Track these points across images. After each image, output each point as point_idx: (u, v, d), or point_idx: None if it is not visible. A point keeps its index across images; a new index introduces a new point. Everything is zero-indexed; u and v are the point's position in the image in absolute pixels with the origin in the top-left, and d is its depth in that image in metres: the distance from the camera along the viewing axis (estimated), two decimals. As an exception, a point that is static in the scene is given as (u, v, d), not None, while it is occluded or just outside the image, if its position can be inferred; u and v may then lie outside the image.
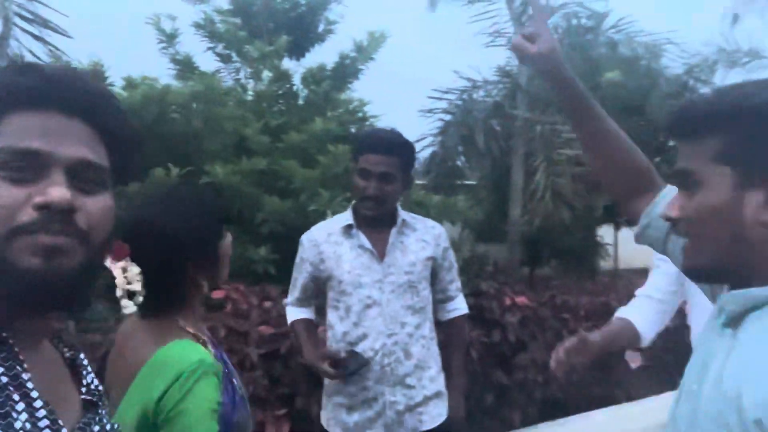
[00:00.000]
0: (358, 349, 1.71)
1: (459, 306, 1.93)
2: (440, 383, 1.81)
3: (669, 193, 0.98)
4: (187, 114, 3.45)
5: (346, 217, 1.82)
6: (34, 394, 0.62)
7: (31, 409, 0.61)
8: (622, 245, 6.85)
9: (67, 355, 0.75)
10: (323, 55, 4.71)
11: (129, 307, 1.05)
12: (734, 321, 0.73)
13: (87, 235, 0.63)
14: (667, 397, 4.11)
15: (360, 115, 3.90)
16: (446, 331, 1.95)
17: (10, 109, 0.62)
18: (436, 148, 4.11)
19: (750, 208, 0.70)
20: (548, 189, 3.78)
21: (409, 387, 1.73)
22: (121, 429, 0.99)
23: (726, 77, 6.94)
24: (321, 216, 2.89)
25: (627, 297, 4.26)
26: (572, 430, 3.59)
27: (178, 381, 0.97)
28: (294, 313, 1.91)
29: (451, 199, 3.28)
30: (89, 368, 0.77)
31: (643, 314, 1.70)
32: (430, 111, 4.24)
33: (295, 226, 3.13)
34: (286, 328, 2.70)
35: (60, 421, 0.64)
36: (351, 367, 1.68)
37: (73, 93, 0.65)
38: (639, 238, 1.06)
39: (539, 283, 4.96)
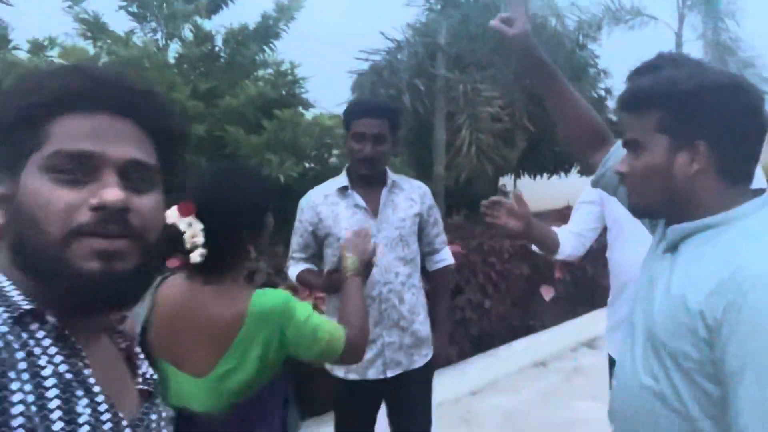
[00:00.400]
0: None
1: (445, 257, 2.16)
2: (427, 327, 2.05)
3: (618, 148, 1.27)
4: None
5: (341, 179, 1.98)
6: (96, 389, 0.63)
7: (93, 404, 0.62)
8: (518, 190, 7.45)
9: (122, 346, 0.77)
10: (237, 15, 4.59)
11: (196, 257, 1.21)
12: (672, 247, 1.01)
13: (142, 233, 0.64)
14: (574, 324, 4.73)
15: (290, 78, 3.91)
16: (433, 280, 2.19)
17: (61, 111, 0.63)
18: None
19: (679, 166, 0.97)
20: (472, 145, 4.07)
21: (404, 329, 1.96)
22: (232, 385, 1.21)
23: (611, 33, 7.65)
24: (273, 181, 2.97)
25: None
26: (500, 359, 4.06)
27: (284, 318, 1.21)
28: (296, 269, 2.05)
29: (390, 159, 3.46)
30: (144, 359, 0.80)
31: (563, 238, 2.02)
32: (357, 72, 4.34)
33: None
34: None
35: (120, 413, 0.65)
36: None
37: (121, 93, 0.65)
38: (596, 184, 1.35)
39: (455, 231, 5.36)
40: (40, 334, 0.60)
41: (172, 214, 1.19)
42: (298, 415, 1.45)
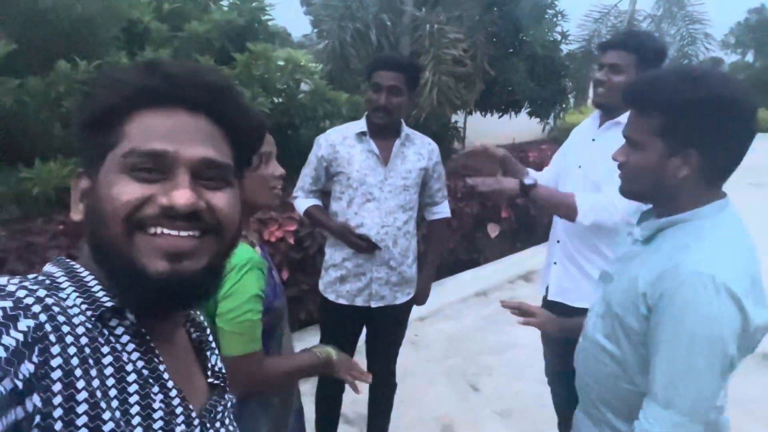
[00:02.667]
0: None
1: (443, 210, 2.39)
2: (414, 270, 2.30)
3: None
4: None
5: (361, 125, 2.15)
6: (170, 384, 0.64)
7: (168, 399, 0.63)
8: (469, 128, 7.68)
9: (194, 336, 0.77)
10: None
11: None
12: (647, 239, 1.19)
13: (216, 230, 0.63)
14: (513, 258, 5.14)
15: (255, 4, 3.82)
16: (429, 228, 2.45)
17: (136, 108, 0.62)
18: (334, 41, 4.22)
19: (671, 168, 1.10)
20: (435, 86, 4.19)
21: (392, 268, 2.18)
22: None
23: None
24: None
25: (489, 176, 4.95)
26: (446, 289, 4.41)
27: (233, 270, 1.20)
28: (305, 203, 2.24)
29: (355, 97, 3.54)
30: (214, 347, 0.80)
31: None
32: (326, 5, 4.27)
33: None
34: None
35: (191, 406, 0.66)
36: (370, 244, 2.08)
37: (197, 91, 0.64)
38: None
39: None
40: (119, 330, 0.61)
41: None
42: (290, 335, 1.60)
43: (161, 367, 0.63)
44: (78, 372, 0.54)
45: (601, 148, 1.93)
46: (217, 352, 0.81)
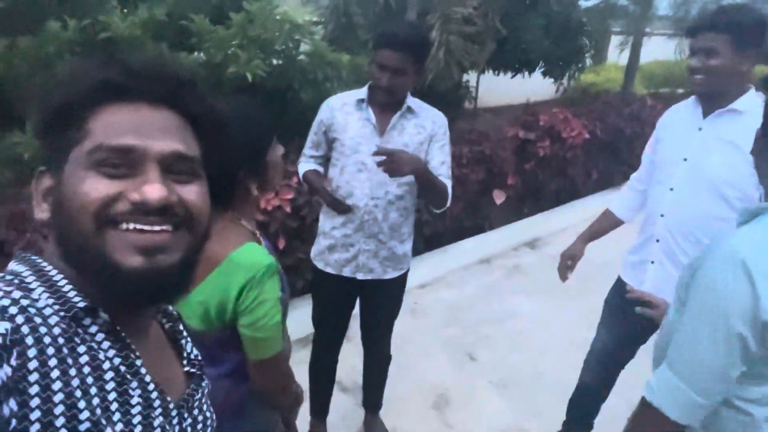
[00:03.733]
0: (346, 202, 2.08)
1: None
2: (406, 247, 2.23)
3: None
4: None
5: (362, 92, 2.09)
6: (147, 378, 0.65)
7: (146, 393, 0.64)
8: (481, 87, 7.47)
9: (167, 327, 0.78)
10: None
11: None
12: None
13: (188, 223, 0.63)
14: (519, 225, 5.07)
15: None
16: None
17: (99, 103, 0.61)
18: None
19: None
20: (442, 46, 4.02)
21: (381, 242, 2.13)
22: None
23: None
24: (242, 79, 2.91)
25: (497, 141, 4.86)
26: (448, 256, 4.37)
27: (254, 280, 1.20)
28: (304, 167, 2.22)
29: (357, 59, 3.41)
30: (187, 336, 0.81)
31: (624, 202, 2.27)
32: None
33: (209, 84, 3.12)
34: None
35: (168, 398, 0.67)
36: (342, 206, 2.05)
37: (160, 84, 0.64)
38: None
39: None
40: (93, 329, 0.61)
41: None
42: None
43: (138, 362, 0.63)
44: (55, 373, 0.54)
45: (712, 138, 1.85)
46: (190, 340, 0.81)
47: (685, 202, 1.91)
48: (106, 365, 0.60)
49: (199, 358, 0.79)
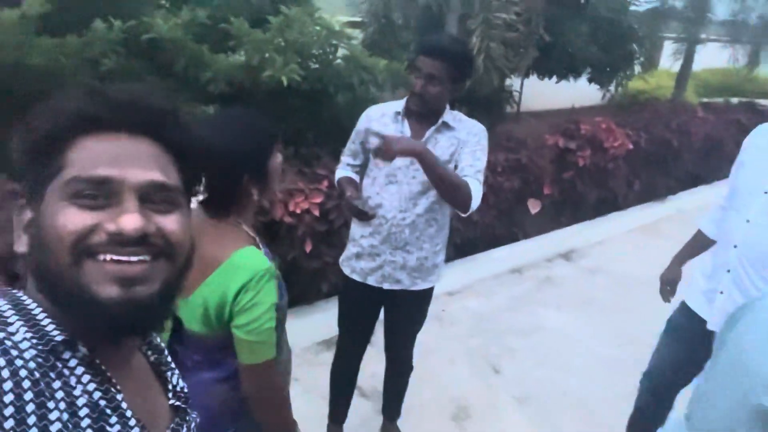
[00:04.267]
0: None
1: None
2: (437, 259, 2.21)
3: None
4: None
5: (400, 104, 2.09)
6: (129, 413, 0.63)
7: (126, 429, 0.63)
8: (525, 91, 7.33)
9: (152, 359, 0.77)
10: None
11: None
12: None
13: (167, 254, 0.63)
14: (554, 235, 4.96)
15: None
16: None
17: (77, 135, 0.61)
18: (378, 2, 4.04)
19: None
20: (482, 52, 3.97)
21: (408, 252, 2.12)
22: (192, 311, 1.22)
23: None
24: (278, 82, 2.95)
25: (535, 149, 4.79)
26: (478, 264, 4.33)
27: (251, 282, 1.23)
28: (340, 173, 2.23)
29: (396, 64, 3.40)
30: (173, 367, 0.79)
31: (714, 222, 2.18)
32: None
33: (245, 87, 3.17)
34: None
35: None
36: (365, 216, 1.98)
37: (139, 114, 0.64)
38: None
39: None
40: (73, 362, 0.60)
41: None
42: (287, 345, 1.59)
43: (119, 396, 0.62)
44: (30, 407, 0.54)
45: None
46: (177, 371, 0.80)
47: (761, 237, 1.80)
48: (82, 400, 0.59)
49: (185, 390, 0.78)
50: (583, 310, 3.92)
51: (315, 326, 3.17)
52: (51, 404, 0.56)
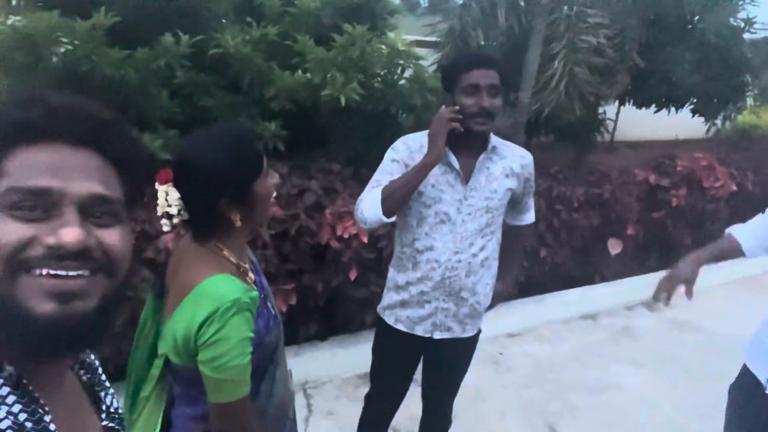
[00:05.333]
0: (422, 258, 1.86)
1: (528, 217, 2.11)
2: (489, 298, 2.01)
3: None
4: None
5: None
6: None
7: None
8: (622, 120, 6.84)
9: (85, 378, 0.74)
10: None
11: (166, 226, 1.20)
12: None
13: (107, 268, 0.61)
14: (637, 281, 4.49)
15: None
16: (511, 233, 2.15)
17: (16, 144, 0.59)
18: (455, 21, 3.88)
19: None
20: (564, 77, 3.68)
21: (463, 299, 1.91)
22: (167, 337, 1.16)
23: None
24: (336, 101, 2.86)
25: (621, 184, 4.40)
26: (545, 306, 3.98)
27: (216, 314, 1.10)
28: (375, 192, 1.81)
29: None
30: (107, 386, 0.76)
31: (754, 235, 1.89)
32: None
33: (306, 105, 3.11)
34: (295, 210, 2.85)
35: None
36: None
37: (81, 124, 0.61)
38: None
39: (536, 157, 5.04)
40: None
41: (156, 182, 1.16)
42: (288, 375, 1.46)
43: (47, 418, 0.60)
44: None
45: None
46: (111, 391, 0.77)
47: None
48: (6, 423, 0.56)
49: (120, 411, 0.75)
50: (664, 370, 3.46)
51: (357, 358, 3.00)
52: None
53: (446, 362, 2.10)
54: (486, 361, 3.45)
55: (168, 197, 1.16)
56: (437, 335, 1.95)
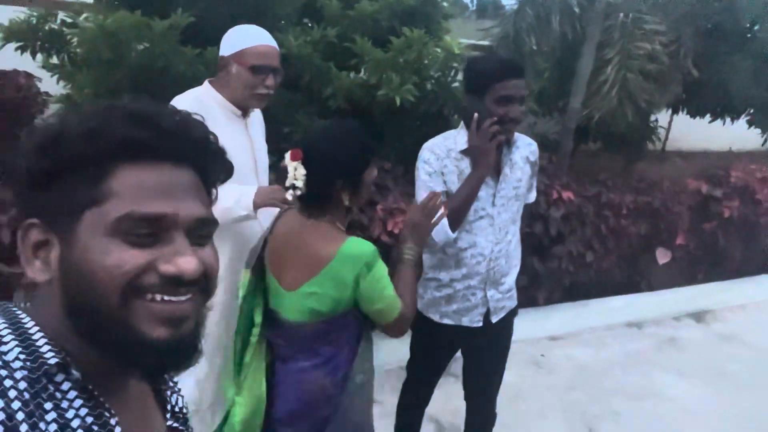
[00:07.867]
0: (466, 254, 1.95)
1: (532, 196, 2.19)
2: (516, 275, 2.12)
3: None
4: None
5: (460, 141, 1.91)
6: None
7: None
8: (674, 129, 6.70)
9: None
10: None
11: (290, 195, 1.45)
12: None
13: (206, 288, 0.63)
14: (685, 291, 4.42)
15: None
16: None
17: (119, 161, 0.58)
18: (508, 27, 3.93)
19: None
20: (616, 84, 3.68)
21: (502, 284, 2.03)
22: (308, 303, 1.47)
23: None
24: (390, 101, 2.96)
25: (672, 193, 4.35)
26: (590, 311, 3.97)
27: (366, 264, 1.41)
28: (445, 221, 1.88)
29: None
30: (172, 385, 0.77)
31: None
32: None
33: (362, 105, 3.23)
34: (349, 205, 2.96)
35: None
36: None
37: (185, 144, 0.62)
38: None
39: (583, 163, 5.01)
40: (66, 385, 0.58)
41: (286, 157, 1.42)
42: (370, 331, 1.63)
43: (112, 421, 0.60)
44: (24, 427, 0.52)
45: None
46: (179, 389, 0.78)
47: None
48: (75, 423, 0.57)
49: (185, 411, 0.76)
50: (710, 382, 3.42)
51: (401, 349, 3.08)
52: (42, 425, 0.54)
53: (487, 346, 2.12)
54: (527, 362, 3.49)
55: (296, 172, 1.42)
56: (494, 318, 2.03)
